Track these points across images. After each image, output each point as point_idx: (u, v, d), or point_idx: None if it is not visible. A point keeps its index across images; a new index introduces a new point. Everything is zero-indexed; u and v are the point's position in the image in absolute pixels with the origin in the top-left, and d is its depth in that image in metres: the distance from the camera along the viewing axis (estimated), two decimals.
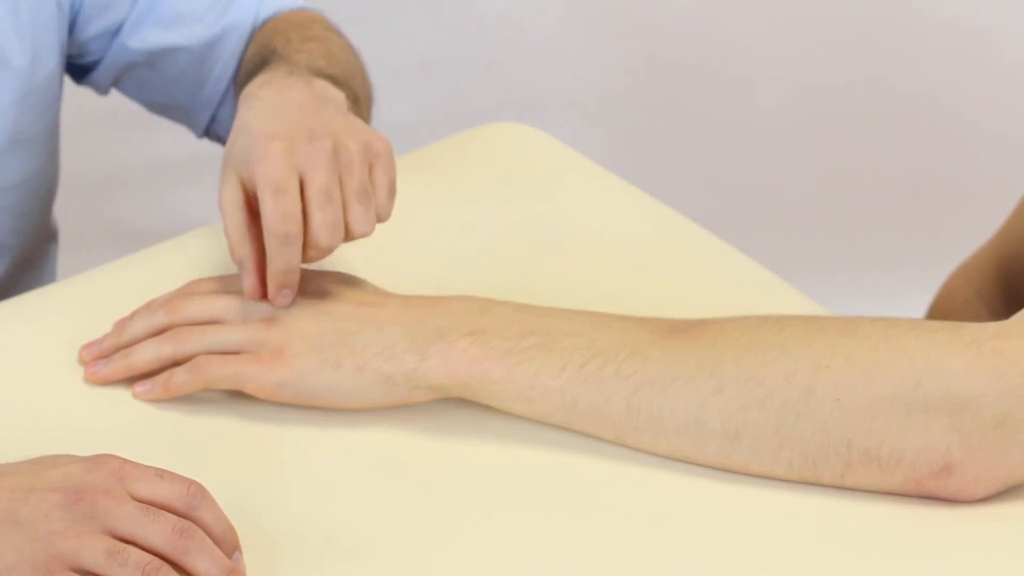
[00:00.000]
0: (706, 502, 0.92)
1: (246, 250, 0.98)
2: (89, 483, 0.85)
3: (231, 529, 0.87)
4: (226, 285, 1.01)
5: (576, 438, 0.95)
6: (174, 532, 0.84)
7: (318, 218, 0.96)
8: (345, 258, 1.08)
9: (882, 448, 0.90)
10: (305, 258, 0.97)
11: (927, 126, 2.35)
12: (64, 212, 1.32)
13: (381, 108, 1.27)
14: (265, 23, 1.25)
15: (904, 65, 2.33)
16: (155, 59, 1.24)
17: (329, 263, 1.05)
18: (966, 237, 1.65)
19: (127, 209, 2.21)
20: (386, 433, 0.96)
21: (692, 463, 0.94)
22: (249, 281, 0.98)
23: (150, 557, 0.83)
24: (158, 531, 0.84)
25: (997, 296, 1.34)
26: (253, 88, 1.06)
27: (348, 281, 1.02)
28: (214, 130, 1.28)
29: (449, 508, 0.91)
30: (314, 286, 1.00)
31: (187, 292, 1.01)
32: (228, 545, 0.86)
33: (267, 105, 1.03)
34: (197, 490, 0.86)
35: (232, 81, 1.25)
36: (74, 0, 1.21)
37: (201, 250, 1.12)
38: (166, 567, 0.83)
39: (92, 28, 1.23)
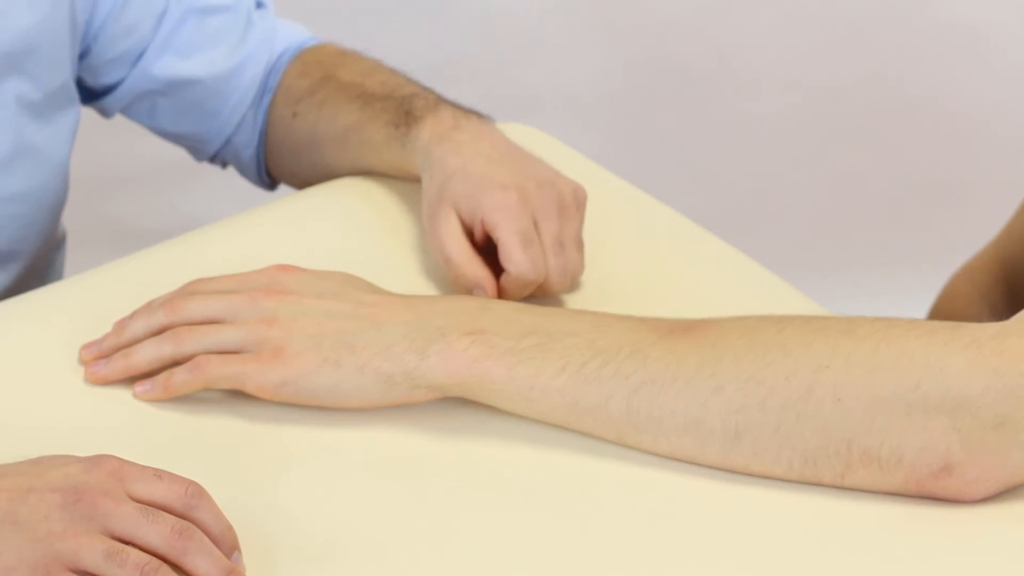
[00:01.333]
0: (706, 502, 0.92)
1: (482, 271, 1.05)
2: (88, 484, 0.85)
3: (230, 529, 0.87)
4: (226, 285, 1.01)
5: (576, 438, 0.95)
6: (173, 532, 0.84)
7: (553, 264, 1.05)
8: (345, 258, 1.08)
9: (882, 448, 0.90)
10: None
11: (927, 126, 2.35)
12: (67, 213, 1.31)
13: None
14: (299, 55, 1.27)
15: (904, 65, 2.33)
16: (173, 88, 1.25)
17: (329, 262, 1.05)
18: (967, 237, 1.65)
19: (127, 209, 2.21)
20: (386, 433, 0.96)
21: (692, 463, 0.94)
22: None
23: (149, 558, 0.83)
24: (157, 532, 0.84)
25: (1000, 297, 1.34)
26: (444, 131, 1.12)
27: (348, 281, 1.02)
28: (222, 155, 1.30)
29: (449, 508, 0.91)
30: (315, 286, 1.00)
31: (187, 292, 1.01)
32: (227, 545, 0.86)
33: (475, 150, 1.10)
34: (196, 490, 0.86)
35: (254, 107, 1.26)
36: (92, 19, 1.21)
37: (201, 250, 1.12)
38: (165, 567, 0.83)
39: (113, 51, 1.23)
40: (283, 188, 1.31)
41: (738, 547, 0.89)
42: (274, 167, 1.30)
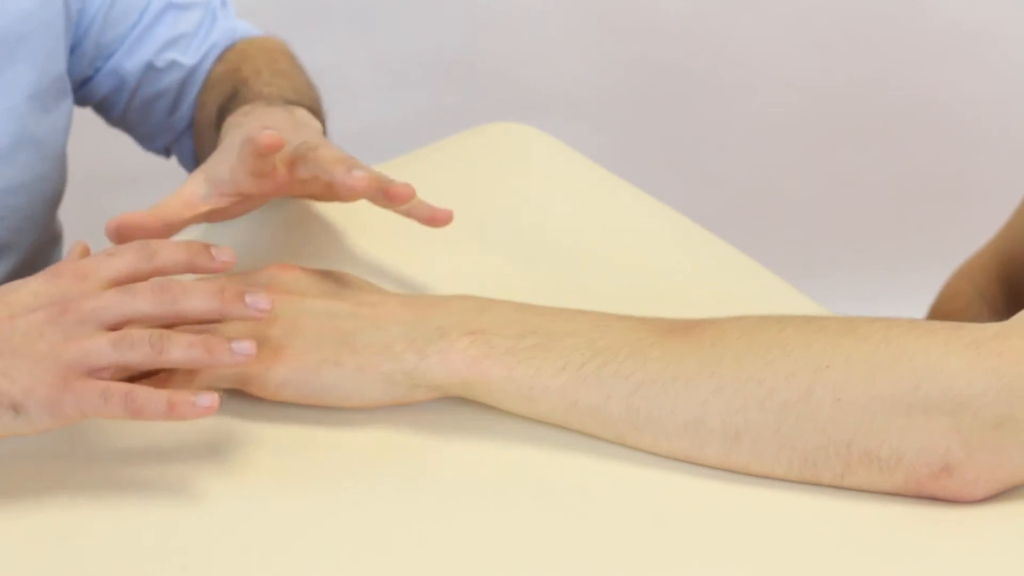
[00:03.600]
0: (706, 502, 0.92)
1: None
2: (62, 294, 0.88)
3: (189, 246, 0.91)
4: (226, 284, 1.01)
5: (576, 438, 0.95)
6: (155, 294, 0.87)
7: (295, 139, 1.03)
8: (345, 257, 1.08)
9: (882, 448, 0.90)
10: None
11: (927, 126, 2.35)
12: (65, 212, 1.32)
13: (382, 108, 1.27)
14: (232, 46, 1.29)
15: (904, 65, 2.33)
16: (144, 82, 1.26)
17: (329, 262, 1.05)
18: (966, 237, 1.65)
19: (127, 209, 2.21)
20: (386, 433, 0.96)
21: (692, 463, 0.94)
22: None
23: (151, 331, 0.86)
24: (142, 300, 0.87)
25: (999, 296, 1.34)
26: (237, 118, 1.12)
27: (348, 280, 1.02)
28: (169, 147, 1.32)
29: (449, 507, 0.91)
30: (315, 285, 1.00)
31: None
32: (194, 255, 0.91)
33: (254, 124, 1.09)
34: (143, 242, 0.90)
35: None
36: (84, 10, 1.21)
37: None
38: (169, 334, 0.86)
39: (96, 43, 1.24)
40: None
41: (738, 547, 0.89)
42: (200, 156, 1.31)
